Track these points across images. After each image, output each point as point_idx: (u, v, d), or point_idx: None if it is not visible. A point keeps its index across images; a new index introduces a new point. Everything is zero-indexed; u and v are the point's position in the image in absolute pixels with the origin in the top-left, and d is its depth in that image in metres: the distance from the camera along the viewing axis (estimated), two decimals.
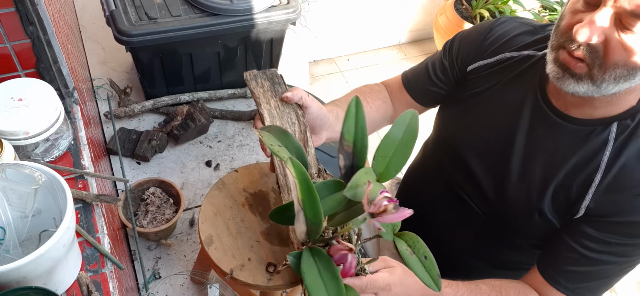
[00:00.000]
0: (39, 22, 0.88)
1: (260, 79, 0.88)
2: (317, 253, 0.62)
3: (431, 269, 0.63)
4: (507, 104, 0.89)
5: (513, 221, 0.91)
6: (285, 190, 0.78)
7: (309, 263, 0.61)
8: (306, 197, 0.59)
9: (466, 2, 2.62)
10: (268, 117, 0.82)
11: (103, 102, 2.04)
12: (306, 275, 0.59)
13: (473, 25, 1.01)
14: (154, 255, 1.65)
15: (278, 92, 0.88)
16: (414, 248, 0.64)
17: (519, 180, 0.88)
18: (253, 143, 2.03)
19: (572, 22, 0.72)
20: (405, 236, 0.65)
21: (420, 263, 0.63)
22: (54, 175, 0.70)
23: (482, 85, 0.93)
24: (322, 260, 0.61)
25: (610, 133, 0.78)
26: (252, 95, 0.87)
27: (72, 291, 0.75)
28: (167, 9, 1.82)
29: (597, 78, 0.71)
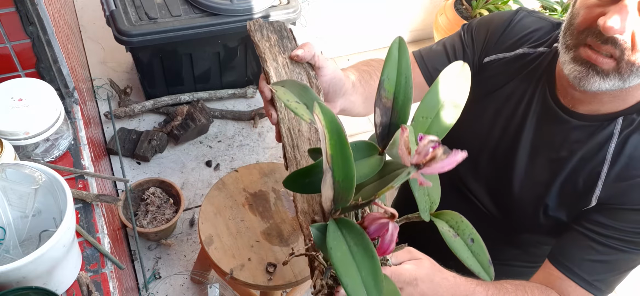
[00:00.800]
0: (39, 22, 0.88)
1: (266, 31, 0.74)
2: (345, 225, 0.49)
3: (480, 254, 0.52)
4: (517, 101, 0.89)
5: (519, 218, 0.91)
6: (293, 163, 0.65)
7: (336, 237, 0.48)
8: (337, 153, 0.47)
9: (466, 2, 2.62)
10: (274, 76, 0.69)
11: (103, 102, 2.04)
12: (333, 251, 0.46)
13: (493, 13, 0.98)
14: (154, 255, 1.65)
15: (287, 47, 0.74)
16: (458, 230, 0.53)
17: (526, 177, 0.88)
18: (253, 143, 2.03)
19: (590, 16, 0.70)
20: (446, 215, 0.54)
21: (467, 247, 0.52)
22: (54, 175, 0.70)
23: (497, 82, 0.92)
24: (353, 234, 0.48)
25: (616, 127, 0.78)
26: (257, 49, 0.73)
27: (72, 291, 0.75)
28: (167, 9, 1.82)
29: (624, 72, 0.70)
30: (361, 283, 0.45)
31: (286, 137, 0.67)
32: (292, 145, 0.66)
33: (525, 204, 0.89)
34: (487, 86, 0.93)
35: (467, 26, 0.98)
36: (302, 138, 0.66)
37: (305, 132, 0.66)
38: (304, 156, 0.65)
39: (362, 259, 0.47)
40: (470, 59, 0.95)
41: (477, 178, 0.97)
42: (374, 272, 0.46)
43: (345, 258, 0.47)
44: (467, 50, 0.95)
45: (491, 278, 0.53)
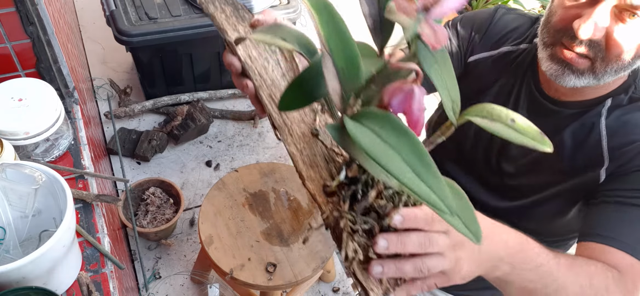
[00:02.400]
0: (39, 22, 0.88)
1: (219, 3, 0.68)
2: (364, 115, 0.41)
3: (528, 129, 0.45)
4: (505, 98, 0.90)
5: (524, 211, 0.91)
6: (284, 130, 0.59)
7: (357, 127, 0.39)
8: (331, 32, 0.41)
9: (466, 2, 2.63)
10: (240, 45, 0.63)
11: (103, 102, 2.04)
12: (360, 137, 0.38)
13: (475, 10, 0.98)
14: (154, 255, 1.65)
15: (244, 18, 0.68)
16: (492, 116, 0.46)
17: (524, 171, 0.88)
18: (253, 143, 2.03)
19: (566, 16, 0.72)
20: (474, 109, 0.47)
21: (510, 127, 0.45)
22: (54, 175, 0.70)
23: (485, 81, 0.93)
24: (376, 119, 0.40)
25: (604, 108, 0.80)
26: (213, 21, 0.66)
27: (72, 291, 0.75)
28: (167, 9, 1.81)
29: (599, 72, 0.72)
30: (404, 163, 0.37)
31: (269, 104, 0.61)
32: (278, 112, 0.60)
33: (526, 195, 0.89)
34: (476, 86, 0.94)
35: (452, 23, 0.99)
36: None
37: None
38: (293, 121, 0.59)
39: (396, 140, 0.38)
40: (457, 55, 0.96)
41: (474, 180, 0.97)
42: (415, 150, 0.37)
43: (375, 143, 0.38)
44: (453, 46, 0.96)
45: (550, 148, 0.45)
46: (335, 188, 0.51)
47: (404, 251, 0.50)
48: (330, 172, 0.56)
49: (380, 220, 0.50)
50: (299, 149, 0.57)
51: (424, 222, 0.51)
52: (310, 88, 0.47)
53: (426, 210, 0.51)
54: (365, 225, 0.49)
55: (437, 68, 0.44)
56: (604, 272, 0.69)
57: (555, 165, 0.85)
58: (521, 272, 0.61)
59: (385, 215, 0.49)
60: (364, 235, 0.50)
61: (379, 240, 0.49)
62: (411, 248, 0.50)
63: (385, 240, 0.49)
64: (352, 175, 0.51)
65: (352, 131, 0.39)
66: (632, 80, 0.80)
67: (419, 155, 0.38)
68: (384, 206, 0.50)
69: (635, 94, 0.79)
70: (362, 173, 0.51)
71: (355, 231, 0.49)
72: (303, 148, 0.57)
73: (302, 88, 0.47)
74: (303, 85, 0.47)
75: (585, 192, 0.83)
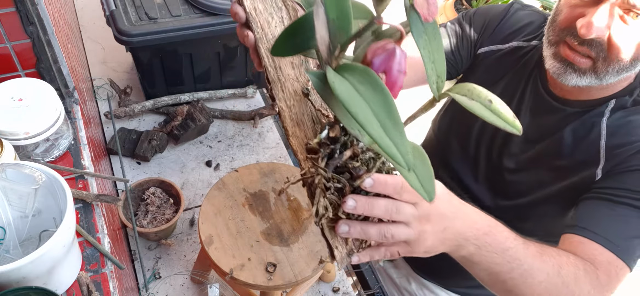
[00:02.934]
0: (39, 21, 0.88)
1: None
2: (346, 68, 0.43)
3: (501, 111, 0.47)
4: (511, 95, 0.90)
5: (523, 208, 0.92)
6: (277, 85, 0.60)
7: (337, 77, 0.41)
8: None
9: (466, 2, 2.62)
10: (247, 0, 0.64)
11: (103, 102, 2.04)
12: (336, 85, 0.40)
13: (491, 4, 0.99)
14: (154, 255, 1.65)
15: None
16: (471, 95, 0.48)
17: (527, 167, 0.89)
18: (253, 143, 2.03)
19: (571, 15, 0.73)
20: (457, 87, 0.50)
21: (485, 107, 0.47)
22: (54, 175, 0.70)
23: (492, 76, 0.93)
24: (356, 73, 0.42)
25: (607, 108, 0.81)
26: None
27: (72, 291, 0.75)
28: (167, 9, 1.81)
29: (600, 72, 0.73)
30: (373, 115, 0.39)
31: (266, 57, 0.63)
32: (274, 67, 0.63)
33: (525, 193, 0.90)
34: (482, 81, 0.95)
35: (466, 13, 1.00)
36: (283, 61, 0.63)
37: None
38: (287, 78, 0.61)
39: (371, 94, 0.40)
40: (467, 46, 0.97)
41: (476, 177, 0.98)
42: (386, 106, 0.39)
43: (350, 93, 0.40)
44: (466, 36, 0.97)
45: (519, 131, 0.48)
46: (316, 146, 0.53)
47: (371, 214, 0.52)
48: (315, 132, 0.58)
49: (353, 181, 0.52)
50: (289, 105, 0.59)
51: (393, 190, 0.52)
52: (302, 37, 0.48)
53: (397, 179, 0.53)
54: (338, 183, 0.51)
55: (425, 39, 0.45)
56: (576, 263, 0.69)
57: (554, 162, 0.86)
58: (487, 254, 0.62)
59: (357, 177, 0.51)
60: (335, 194, 0.52)
61: (348, 200, 0.51)
62: (378, 212, 0.52)
63: (354, 200, 0.51)
64: (334, 135, 0.53)
65: (330, 79, 0.41)
66: (637, 83, 0.80)
67: (389, 111, 0.39)
68: (358, 168, 0.52)
69: (639, 97, 0.80)
70: (343, 135, 0.53)
71: (327, 188, 0.51)
72: (292, 105, 0.60)
73: (295, 36, 0.49)
74: (296, 33, 0.48)
75: (581, 191, 0.83)
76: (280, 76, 0.61)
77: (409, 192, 0.53)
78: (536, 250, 0.67)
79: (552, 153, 0.85)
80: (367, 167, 0.53)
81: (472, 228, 0.60)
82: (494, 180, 0.94)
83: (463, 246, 0.60)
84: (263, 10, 0.65)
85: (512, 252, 0.64)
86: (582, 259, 0.72)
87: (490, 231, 0.62)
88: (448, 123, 1.05)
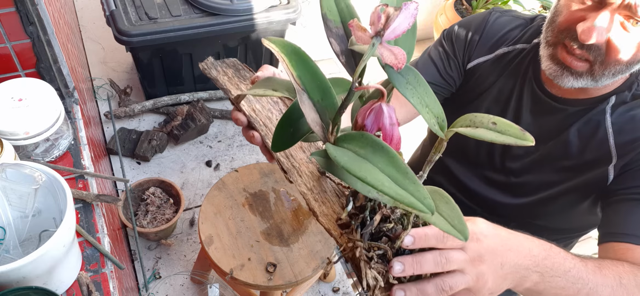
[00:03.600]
0: (39, 22, 0.88)
1: (220, 67, 0.75)
2: (343, 138, 0.45)
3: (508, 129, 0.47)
4: (507, 98, 0.90)
5: (530, 210, 0.92)
6: (293, 172, 0.61)
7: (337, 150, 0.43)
8: (303, 71, 0.45)
9: (466, 2, 2.62)
10: (244, 101, 0.68)
11: (103, 102, 2.04)
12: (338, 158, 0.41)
13: (468, 16, 0.99)
14: (154, 255, 1.65)
15: (245, 77, 0.74)
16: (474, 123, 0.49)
17: (531, 169, 0.89)
18: None
19: (572, 18, 0.73)
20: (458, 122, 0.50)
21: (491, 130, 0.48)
22: (54, 175, 0.70)
23: (484, 84, 0.93)
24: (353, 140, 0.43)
25: (608, 105, 0.81)
26: (216, 84, 0.72)
27: (72, 291, 0.75)
28: (167, 9, 1.82)
29: (597, 74, 0.73)
30: (381, 173, 0.40)
31: None
32: (286, 156, 0.64)
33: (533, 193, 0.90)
34: (475, 90, 0.95)
35: (446, 33, 0.99)
36: (294, 147, 0.64)
37: None
38: (301, 163, 0.63)
39: (373, 155, 0.41)
40: (455, 66, 0.97)
41: (480, 179, 0.97)
42: (391, 160, 0.40)
43: (354, 159, 0.41)
44: (451, 57, 0.97)
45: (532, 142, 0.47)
46: (347, 219, 0.53)
47: (421, 271, 0.50)
48: (341, 205, 0.58)
49: (392, 243, 0.50)
50: (310, 188, 0.60)
51: (435, 240, 0.51)
52: (295, 125, 0.51)
53: (436, 229, 0.51)
54: (379, 250, 0.50)
55: (411, 88, 0.46)
56: (633, 270, 0.68)
57: (560, 163, 0.86)
58: (551, 279, 0.60)
59: (396, 237, 0.50)
60: (379, 261, 0.50)
61: (394, 264, 0.49)
62: (427, 268, 0.50)
63: (400, 263, 0.49)
64: (359, 204, 0.52)
65: (332, 154, 0.42)
66: (634, 77, 0.80)
67: (395, 164, 0.40)
68: (393, 228, 0.51)
69: (638, 91, 0.80)
70: (368, 201, 0.52)
71: (370, 258, 0.50)
72: (313, 186, 0.60)
73: (288, 127, 0.51)
74: (288, 124, 0.51)
75: (593, 189, 0.83)
76: (294, 163, 0.62)
77: (451, 238, 0.51)
78: (594, 265, 0.66)
79: (559, 155, 0.85)
80: (402, 224, 0.52)
81: (529, 256, 0.57)
82: (498, 182, 0.94)
83: (526, 278, 0.58)
84: (261, 108, 0.68)
85: (574, 272, 0.62)
86: (636, 265, 0.70)
87: (549, 255, 0.60)
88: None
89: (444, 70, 0.97)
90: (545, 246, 0.60)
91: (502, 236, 0.57)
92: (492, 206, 0.97)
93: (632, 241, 0.73)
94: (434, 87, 0.98)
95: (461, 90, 1.00)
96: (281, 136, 0.51)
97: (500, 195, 0.95)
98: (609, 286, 0.64)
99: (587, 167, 0.83)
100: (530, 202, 0.91)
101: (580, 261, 0.63)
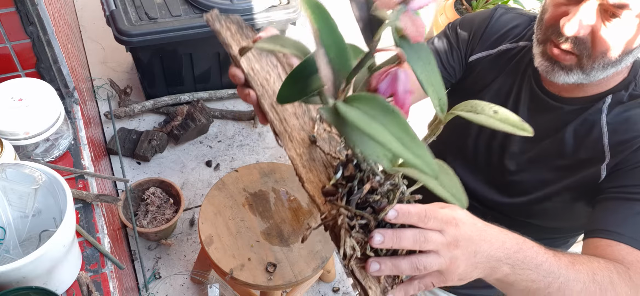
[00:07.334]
0: (39, 22, 0.88)
1: (224, 22, 0.73)
2: (354, 98, 0.45)
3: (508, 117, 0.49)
4: (506, 95, 0.91)
5: (527, 207, 0.92)
6: (285, 136, 0.62)
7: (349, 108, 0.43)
8: (323, 25, 0.45)
9: (466, 2, 2.62)
10: (244, 59, 0.68)
11: (103, 102, 2.04)
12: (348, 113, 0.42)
13: (474, 12, 1.00)
14: (154, 255, 1.65)
15: (248, 36, 0.73)
16: (476, 110, 0.50)
17: (526, 167, 0.89)
18: (253, 143, 2.03)
19: (556, 14, 0.74)
20: (459, 106, 0.52)
21: (492, 117, 0.49)
22: (54, 175, 0.70)
23: (484, 79, 0.94)
24: (365, 101, 0.44)
25: (605, 104, 0.81)
26: (218, 37, 0.71)
27: (72, 291, 0.75)
28: (167, 9, 1.82)
29: (586, 68, 0.74)
30: (391, 135, 0.40)
31: (271, 112, 0.65)
32: (279, 119, 0.64)
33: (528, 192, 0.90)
34: (476, 85, 0.95)
35: (452, 25, 1.00)
36: (287, 112, 0.65)
37: (288, 106, 0.65)
38: (294, 128, 0.63)
39: (383, 117, 0.41)
40: (458, 57, 0.98)
41: (477, 178, 0.98)
42: (401, 124, 0.41)
43: (364, 118, 0.41)
44: (454, 48, 0.97)
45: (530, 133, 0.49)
46: (332, 187, 0.54)
47: (399, 246, 0.52)
48: (328, 175, 0.59)
49: (376, 215, 0.52)
50: (299, 153, 0.61)
51: (418, 218, 0.52)
52: (305, 80, 0.50)
53: (420, 207, 0.52)
54: (362, 219, 0.51)
55: (422, 65, 0.47)
56: (608, 267, 0.69)
57: (555, 162, 0.86)
58: (522, 272, 0.61)
59: (380, 210, 0.51)
60: (360, 231, 0.52)
61: (375, 235, 0.50)
62: (406, 244, 0.52)
63: (381, 234, 0.50)
64: (348, 174, 0.53)
65: (342, 110, 0.42)
66: (632, 77, 0.81)
67: (404, 128, 0.41)
68: (379, 201, 0.52)
69: (635, 91, 0.80)
70: (358, 172, 0.53)
71: (352, 227, 0.51)
72: (302, 153, 0.61)
73: (298, 81, 0.50)
74: (299, 78, 0.50)
75: (587, 189, 0.83)
76: (286, 127, 0.63)
77: (433, 218, 0.53)
78: (568, 260, 0.66)
79: (554, 153, 0.85)
80: (388, 199, 0.53)
81: (501, 248, 0.59)
82: (496, 181, 0.94)
83: (497, 268, 0.59)
84: (260, 69, 0.68)
85: (546, 266, 0.63)
86: (613, 261, 0.71)
87: (521, 248, 0.61)
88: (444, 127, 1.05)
89: (446, 60, 0.98)
90: (519, 240, 0.62)
91: (479, 226, 0.58)
92: (490, 205, 0.98)
93: (613, 238, 0.74)
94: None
95: (462, 84, 1.00)
96: (289, 89, 0.51)
97: (498, 195, 0.96)
98: (580, 281, 0.65)
99: (582, 165, 0.83)
100: (527, 201, 0.91)
101: (553, 256, 0.64)
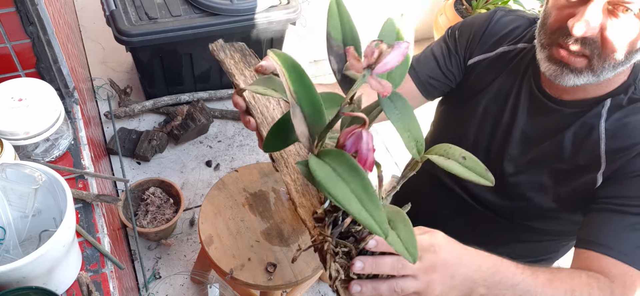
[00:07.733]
0: (39, 22, 0.88)
1: (228, 51, 0.80)
2: (325, 153, 0.50)
3: (475, 166, 0.53)
4: (505, 97, 0.90)
5: (522, 211, 0.92)
6: (281, 162, 0.67)
7: (318, 163, 0.48)
8: (299, 87, 0.50)
9: (466, 2, 2.62)
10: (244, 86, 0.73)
11: (103, 102, 2.04)
12: (317, 172, 0.47)
13: (473, 15, 1.00)
14: (154, 255, 1.65)
15: (251, 63, 0.78)
16: (448, 155, 0.54)
17: (524, 169, 0.89)
18: (253, 143, 2.03)
19: (561, 16, 0.73)
20: (434, 149, 0.56)
21: (460, 164, 0.53)
22: (54, 175, 0.70)
23: (483, 81, 0.94)
24: (333, 156, 0.49)
25: (604, 108, 0.80)
26: (222, 66, 0.77)
27: (72, 291, 0.75)
28: (167, 9, 1.82)
29: (597, 68, 0.73)
30: (351, 193, 0.46)
31: None
32: None
33: (526, 195, 0.90)
34: (474, 87, 0.95)
35: (451, 30, 1.01)
36: None
37: None
38: (290, 154, 0.67)
39: (348, 174, 0.47)
40: (456, 62, 0.98)
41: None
42: (362, 183, 0.46)
43: (330, 176, 0.47)
44: (452, 53, 0.98)
45: (492, 183, 0.53)
46: (322, 215, 0.58)
47: (379, 272, 0.57)
48: (320, 200, 0.63)
49: (358, 243, 0.57)
50: (293, 179, 0.65)
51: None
52: (286, 133, 0.56)
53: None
54: (345, 248, 0.56)
55: (397, 114, 0.52)
56: (589, 282, 0.71)
57: (554, 165, 0.86)
58: (498, 292, 0.64)
59: (361, 239, 0.56)
60: (343, 257, 0.57)
61: (356, 262, 0.55)
62: (384, 269, 0.57)
63: (361, 262, 0.55)
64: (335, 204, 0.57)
65: (312, 166, 0.48)
66: (632, 80, 0.80)
67: (365, 187, 0.46)
68: (361, 231, 0.57)
69: (634, 95, 0.80)
70: None
71: (336, 253, 0.56)
72: (296, 178, 0.65)
73: (280, 133, 0.56)
74: (280, 131, 0.56)
75: (583, 194, 0.83)
76: (283, 154, 0.67)
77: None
78: (546, 277, 0.68)
79: (553, 156, 0.85)
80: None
81: (478, 271, 0.63)
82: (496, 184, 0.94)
83: (473, 290, 0.63)
84: (261, 97, 0.72)
85: (523, 285, 0.65)
86: (596, 275, 0.73)
87: (498, 270, 0.64)
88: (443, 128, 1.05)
89: (444, 65, 0.98)
90: (496, 261, 0.66)
91: (456, 251, 0.63)
92: (490, 207, 0.98)
93: (602, 251, 0.75)
94: (434, 81, 1.00)
95: (461, 87, 1.00)
96: (272, 140, 0.57)
97: (496, 197, 0.96)
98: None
99: (579, 171, 0.83)
100: (525, 205, 0.91)
101: (531, 275, 0.67)
